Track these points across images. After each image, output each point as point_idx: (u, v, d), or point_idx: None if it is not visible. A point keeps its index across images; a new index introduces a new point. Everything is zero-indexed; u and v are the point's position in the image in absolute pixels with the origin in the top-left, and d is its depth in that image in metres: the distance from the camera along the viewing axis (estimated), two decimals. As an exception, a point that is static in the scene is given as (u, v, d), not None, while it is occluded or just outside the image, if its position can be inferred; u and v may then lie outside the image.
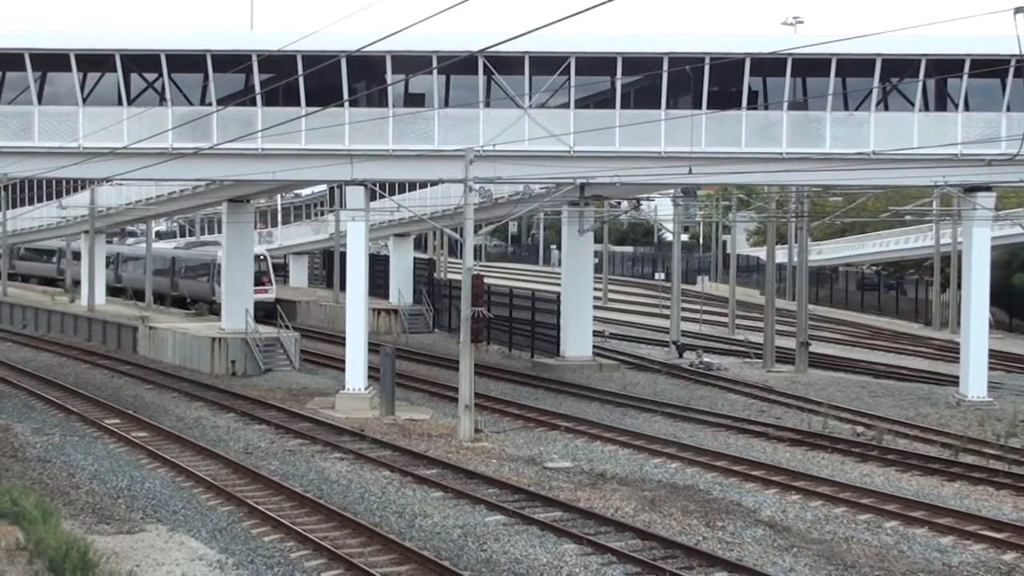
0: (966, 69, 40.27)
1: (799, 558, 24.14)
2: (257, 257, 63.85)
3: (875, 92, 40.97)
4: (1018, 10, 28.97)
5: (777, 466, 32.49)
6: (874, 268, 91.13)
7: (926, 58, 40.32)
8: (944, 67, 40.60)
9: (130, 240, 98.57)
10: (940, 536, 25.94)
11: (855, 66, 40.58)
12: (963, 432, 37.36)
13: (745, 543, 25.21)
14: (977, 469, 32.43)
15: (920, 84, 40.92)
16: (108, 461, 33.23)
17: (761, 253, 78.44)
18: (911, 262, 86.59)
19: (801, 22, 67.63)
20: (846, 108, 41.30)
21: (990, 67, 39.62)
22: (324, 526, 25.93)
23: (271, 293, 69.20)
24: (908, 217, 66.83)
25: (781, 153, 40.83)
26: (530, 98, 40.21)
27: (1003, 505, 28.90)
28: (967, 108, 40.92)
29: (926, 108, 41.31)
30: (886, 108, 41.33)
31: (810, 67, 40.58)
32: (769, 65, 40.25)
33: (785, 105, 40.83)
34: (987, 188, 41.89)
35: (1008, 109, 40.48)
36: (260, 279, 64.96)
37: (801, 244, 62.06)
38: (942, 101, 41.63)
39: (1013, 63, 38.86)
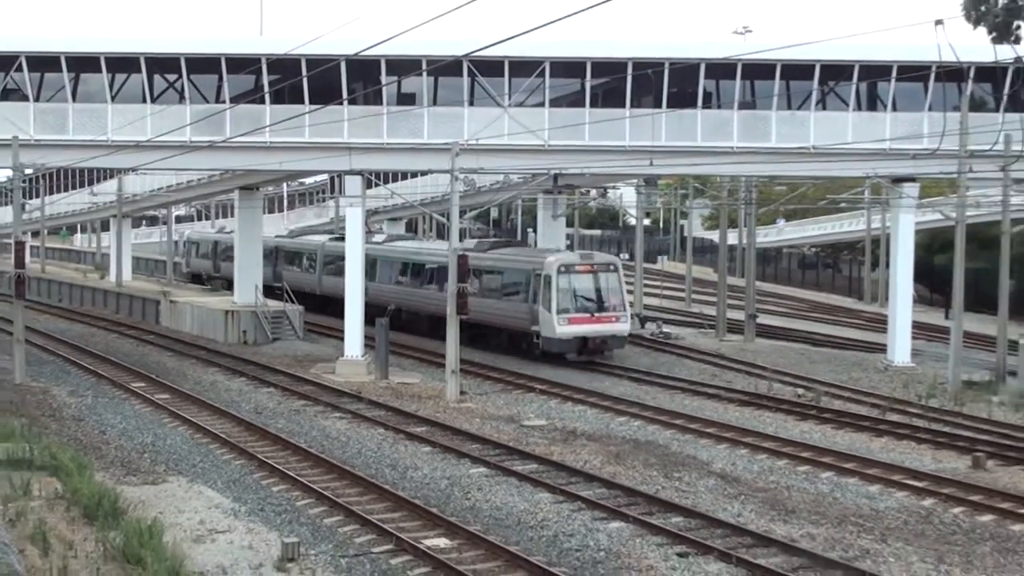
0: (894, 74, 40.38)
1: (746, 504, 24.28)
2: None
3: (815, 94, 41.07)
4: (938, 22, 29.14)
5: (728, 424, 32.61)
6: (813, 249, 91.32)
7: (859, 64, 40.41)
8: (875, 72, 40.69)
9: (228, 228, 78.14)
10: (869, 485, 26.10)
11: (797, 70, 40.62)
12: (890, 394, 37.56)
13: (699, 492, 25.33)
14: (902, 426, 32.59)
15: (854, 87, 40.99)
16: (135, 420, 33.22)
17: (715, 236, 78.51)
18: (845, 244, 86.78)
19: (750, 31, 67.85)
20: (789, 108, 41.32)
21: (914, 72, 39.72)
22: (326, 477, 25.98)
23: None
24: (843, 204, 66.94)
25: (732, 147, 40.84)
26: (509, 97, 40.16)
27: (923, 457, 29.05)
28: (895, 108, 41.01)
29: (859, 108, 41.36)
30: (824, 108, 41.36)
31: (758, 71, 40.60)
32: (722, 69, 40.27)
33: (736, 104, 40.83)
34: (912, 179, 42.02)
35: (930, 109, 40.60)
36: None
37: (751, 228, 62.16)
38: (873, 102, 41.69)
39: (934, 69, 38.96)
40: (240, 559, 19.73)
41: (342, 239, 56.64)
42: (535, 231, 67.53)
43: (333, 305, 53.54)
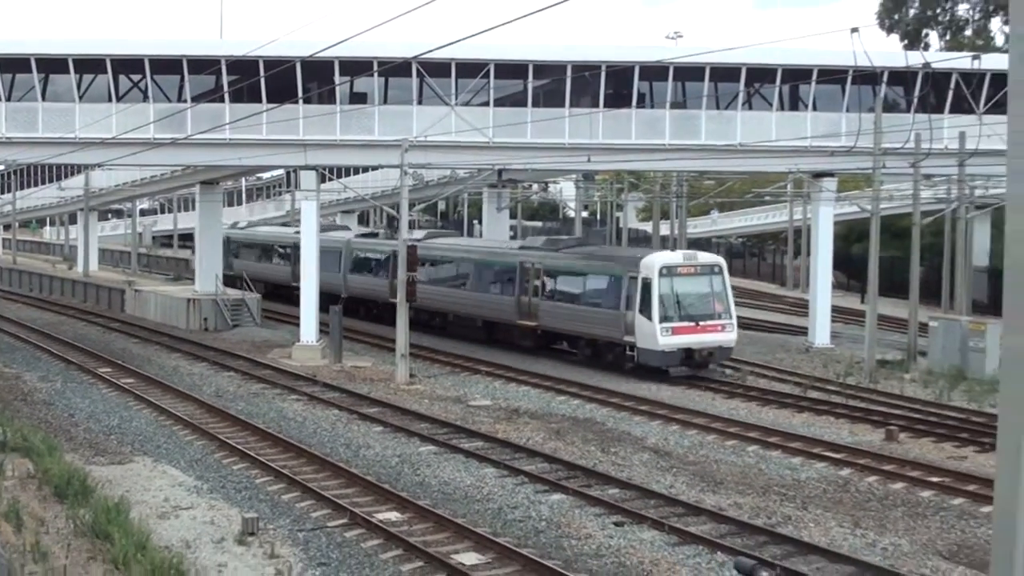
0: (814, 77, 40.72)
1: (678, 476, 24.49)
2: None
3: (741, 95, 41.32)
4: (854, 30, 29.45)
5: (661, 402, 32.82)
6: (740, 239, 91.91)
7: (782, 67, 40.73)
8: (797, 75, 41.00)
9: (241, 224, 72.85)
10: (792, 457, 26.40)
11: (725, 73, 40.86)
12: (810, 373, 37.95)
13: (634, 465, 25.51)
14: (821, 403, 32.95)
15: (777, 89, 41.31)
16: (102, 404, 32.97)
17: (648, 227, 78.91)
18: (770, 234, 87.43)
19: (681, 36, 67.90)
20: (718, 108, 41.55)
21: (833, 76, 40.10)
22: (283, 456, 25.92)
23: None
24: (767, 197, 67.44)
25: (664, 144, 41.01)
26: (456, 97, 40.14)
27: (841, 431, 29.41)
28: (815, 109, 41.38)
29: (782, 108, 41.67)
30: (750, 108, 41.64)
31: (688, 74, 40.78)
32: (655, 72, 40.43)
33: (668, 105, 41.05)
34: (830, 174, 42.42)
35: (847, 110, 41.00)
36: None
37: (682, 219, 62.58)
38: (795, 103, 42.01)
39: (851, 73, 39.35)
40: (203, 534, 19.67)
41: (367, 236, 56.84)
42: (480, 223, 67.60)
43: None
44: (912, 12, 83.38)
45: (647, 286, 35.90)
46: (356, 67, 38.96)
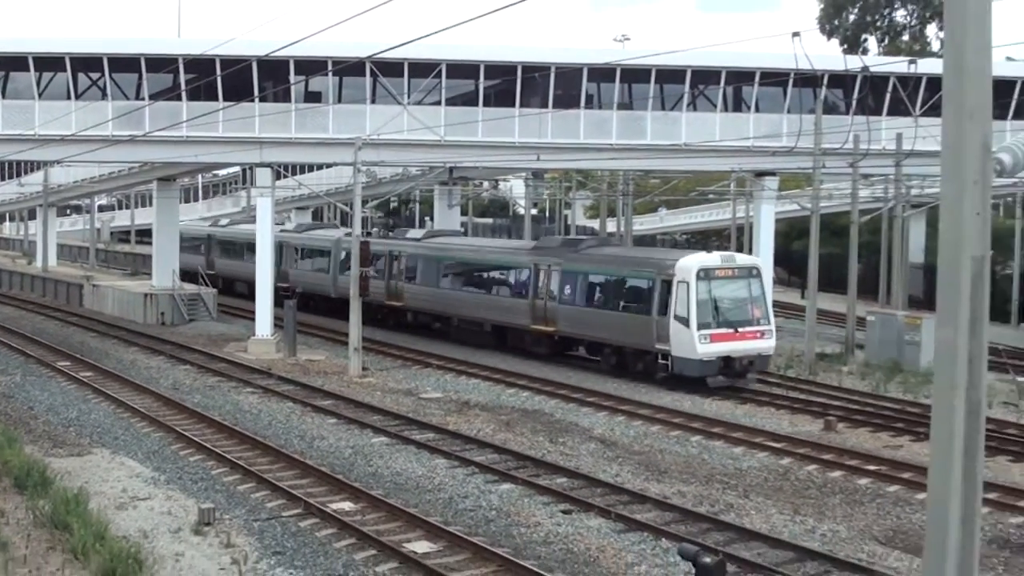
0: (757, 79, 40.99)
1: (624, 466, 24.57)
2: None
3: (686, 96, 41.51)
4: (795, 34, 29.69)
5: (607, 393, 32.90)
6: (684, 236, 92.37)
7: (726, 70, 40.94)
8: (740, 77, 41.26)
9: (224, 221, 68.52)
10: (734, 447, 26.57)
11: (670, 75, 40.99)
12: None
13: (581, 455, 25.57)
14: (762, 394, 33.15)
15: (721, 90, 41.53)
16: (61, 396, 32.61)
17: (596, 224, 79.13)
18: (714, 231, 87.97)
19: (628, 39, 68.19)
20: (663, 108, 41.71)
21: (775, 78, 40.39)
22: (239, 448, 25.75)
23: None
24: (711, 196, 67.89)
25: (611, 144, 41.14)
26: (409, 96, 40.05)
27: (781, 421, 29.64)
28: (757, 110, 41.64)
29: (726, 109, 41.88)
30: (695, 109, 41.82)
31: (635, 75, 40.90)
32: (602, 73, 40.53)
33: (615, 105, 41.18)
34: (772, 173, 42.69)
35: (788, 112, 41.31)
36: None
37: (628, 217, 62.81)
38: (738, 104, 42.27)
39: (792, 75, 39.65)
40: (160, 524, 19.52)
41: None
42: (432, 219, 67.51)
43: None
44: (851, 17, 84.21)
45: (683, 290, 33.06)
46: (311, 66, 38.78)
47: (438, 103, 40.44)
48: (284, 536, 19.18)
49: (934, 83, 39.96)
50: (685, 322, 32.85)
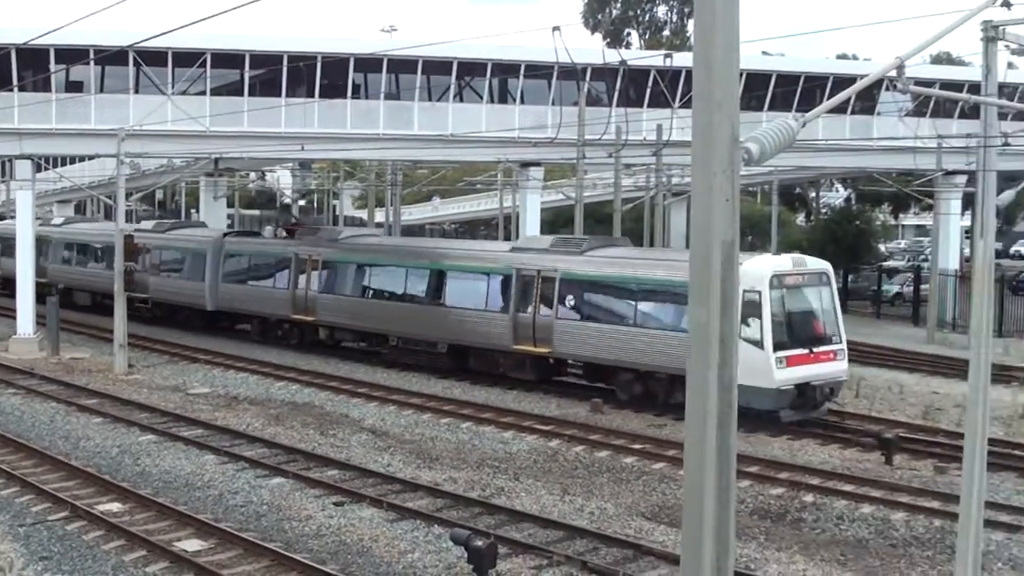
0: (522, 72, 41.69)
1: (395, 455, 24.65)
2: None
3: (453, 87, 41.86)
4: (555, 28, 30.16)
5: (377, 384, 32.90)
6: (453, 226, 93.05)
7: (492, 62, 41.50)
8: (505, 69, 41.87)
9: (57, 220, 59.01)
10: (504, 431, 26.99)
11: (437, 66, 41.25)
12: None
13: (352, 446, 25.53)
14: (530, 380, 33.52)
15: (487, 82, 42.09)
16: None
17: (365, 214, 78.89)
18: (482, 220, 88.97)
19: (396, 30, 68.16)
20: (430, 99, 41.95)
21: (539, 71, 41.14)
22: (1, 451, 24.62)
23: None
24: (479, 186, 68.63)
25: (379, 134, 41.11)
26: (173, 86, 39.03)
27: (550, 405, 30.22)
28: (523, 102, 42.36)
29: (492, 101, 42.47)
30: (461, 100, 42.23)
31: (402, 66, 41.01)
32: (370, 64, 40.46)
33: (382, 96, 41.17)
34: (537, 164, 43.52)
35: (553, 104, 42.16)
36: None
37: (396, 207, 62.88)
38: (504, 96, 42.90)
39: (556, 68, 40.45)
40: (-91, 532, 18.51)
41: (245, 235, 47.77)
42: (198, 211, 66.00)
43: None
44: (614, 12, 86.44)
45: (753, 302, 25.98)
46: (72, 55, 37.33)
47: (203, 93, 39.56)
48: (51, 540, 18.50)
49: (691, 76, 41.47)
50: (758, 343, 26.04)
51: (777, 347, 26.31)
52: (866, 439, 25.64)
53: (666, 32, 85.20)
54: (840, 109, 43.12)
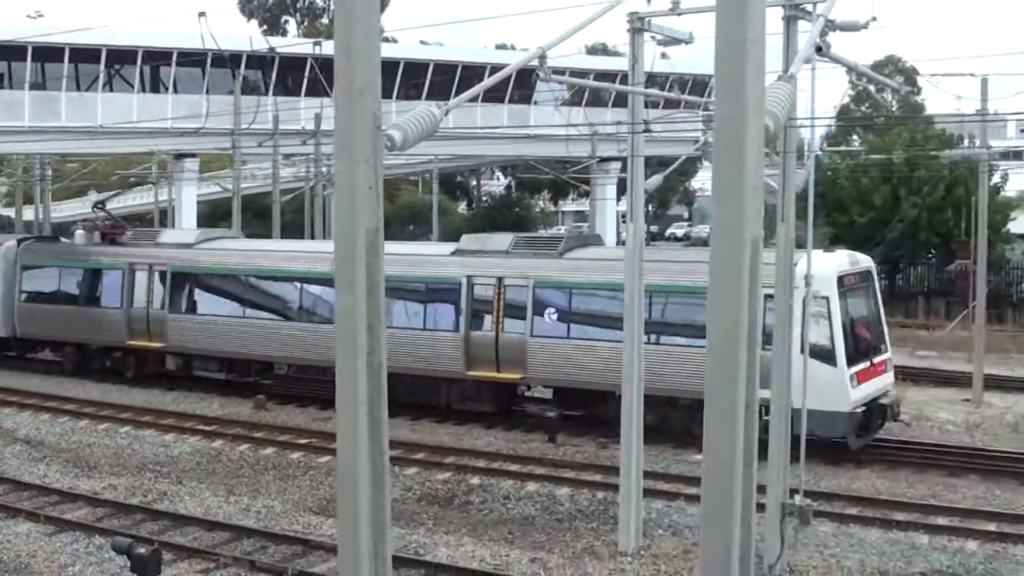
0: (174, 59, 40.65)
1: (51, 465, 23.50)
2: None
3: (102, 76, 40.37)
4: (201, 14, 29.25)
5: (30, 391, 30.88)
6: (107, 222, 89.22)
7: (143, 49, 40.32)
8: (157, 57, 40.72)
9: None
10: (164, 434, 26.19)
11: (85, 54, 39.74)
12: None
13: (7, 458, 24.10)
14: (195, 380, 32.39)
15: (138, 70, 40.77)
16: None
17: (12, 212, 74.63)
18: (137, 216, 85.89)
19: (42, 15, 64.73)
20: (79, 89, 40.30)
21: (193, 58, 40.15)
22: None
23: None
24: (133, 179, 66.19)
25: (24, 127, 39.12)
26: None
27: (212, 404, 29.55)
28: (176, 91, 41.32)
29: (144, 90, 41.19)
30: (112, 90, 40.78)
31: (48, 54, 39.20)
32: (13, 52, 38.40)
33: (27, 85, 39.19)
34: (192, 155, 42.57)
35: (208, 92, 41.30)
36: None
37: (46, 204, 59.99)
38: (156, 85, 41.69)
39: (210, 56, 39.51)
40: None
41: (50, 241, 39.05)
42: None
43: None
44: (270, 1, 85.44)
45: (819, 311, 21.98)
46: None
47: None
48: None
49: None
50: (829, 359, 22.16)
51: (852, 361, 22.68)
52: (529, 420, 26.45)
53: (324, 20, 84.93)
54: (498, 98, 44.35)
